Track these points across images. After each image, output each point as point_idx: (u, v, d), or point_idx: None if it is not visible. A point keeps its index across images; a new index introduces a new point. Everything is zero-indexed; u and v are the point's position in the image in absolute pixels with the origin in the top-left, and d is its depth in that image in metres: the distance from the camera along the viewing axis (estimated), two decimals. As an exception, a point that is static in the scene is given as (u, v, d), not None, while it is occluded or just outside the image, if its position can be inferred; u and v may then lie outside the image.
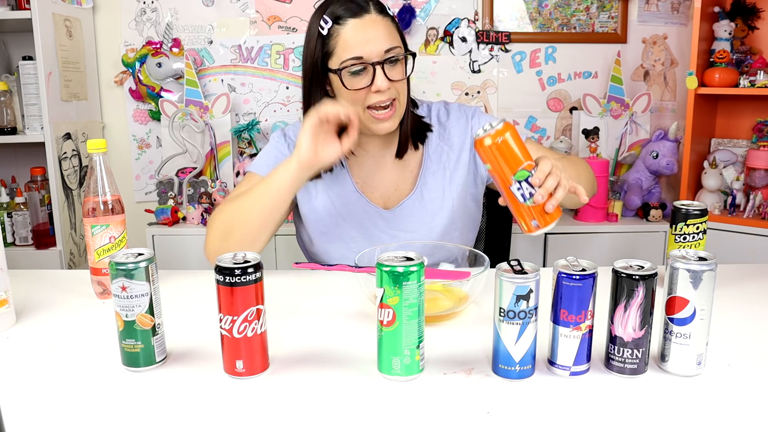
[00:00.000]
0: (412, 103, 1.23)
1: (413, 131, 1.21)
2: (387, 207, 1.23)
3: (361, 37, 1.05)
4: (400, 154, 1.21)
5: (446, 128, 1.24)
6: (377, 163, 1.23)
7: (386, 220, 1.22)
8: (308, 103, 1.15)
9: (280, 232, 1.31)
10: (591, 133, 2.36)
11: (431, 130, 1.23)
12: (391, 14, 1.10)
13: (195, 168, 2.32)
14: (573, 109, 2.52)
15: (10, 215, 2.25)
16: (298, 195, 1.23)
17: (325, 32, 1.06)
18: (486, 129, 0.85)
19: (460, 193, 1.23)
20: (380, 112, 1.10)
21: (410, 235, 1.22)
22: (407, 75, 1.12)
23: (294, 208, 1.28)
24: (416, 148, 1.23)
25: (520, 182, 0.85)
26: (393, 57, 1.08)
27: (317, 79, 1.11)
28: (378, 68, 1.06)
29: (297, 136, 1.21)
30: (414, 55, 1.12)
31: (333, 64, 1.08)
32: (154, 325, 0.78)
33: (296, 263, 0.94)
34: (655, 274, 0.73)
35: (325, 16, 1.06)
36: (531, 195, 0.85)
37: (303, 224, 1.26)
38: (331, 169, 1.21)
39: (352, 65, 1.06)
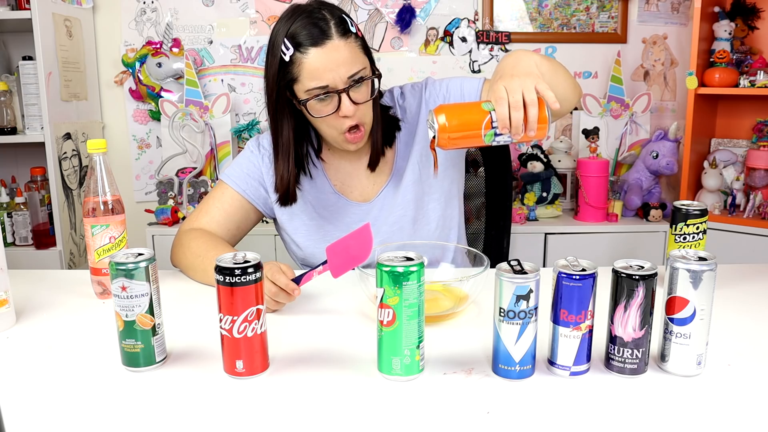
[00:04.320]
0: (379, 94, 1.23)
1: (384, 138, 1.22)
2: (366, 201, 1.25)
3: (323, 67, 1.04)
4: (372, 166, 1.22)
5: (405, 109, 1.26)
6: (353, 165, 1.25)
7: (366, 213, 1.23)
8: (276, 125, 1.15)
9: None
10: (591, 133, 2.36)
11: (399, 128, 1.24)
12: (354, 31, 1.08)
13: (195, 168, 2.32)
14: (573, 108, 2.52)
15: (10, 215, 2.25)
16: (276, 211, 1.25)
17: (287, 58, 1.05)
18: (433, 128, 0.88)
19: (423, 163, 1.23)
20: (349, 134, 1.12)
21: (390, 219, 1.22)
22: (373, 96, 1.12)
23: (273, 220, 1.30)
24: (390, 146, 1.24)
25: (494, 139, 0.86)
26: (358, 79, 1.07)
27: (282, 100, 1.11)
28: (343, 95, 1.06)
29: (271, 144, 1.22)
30: (379, 76, 1.12)
31: (298, 90, 1.08)
32: (154, 325, 0.78)
33: (297, 282, 0.93)
34: (655, 274, 0.73)
35: (286, 40, 1.04)
36: (510, 138, 0.87)
37: (288, 234, 1.26)
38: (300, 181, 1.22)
39: (317, 94, 1.06)
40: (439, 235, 1.24)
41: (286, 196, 1.20)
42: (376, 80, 1.11)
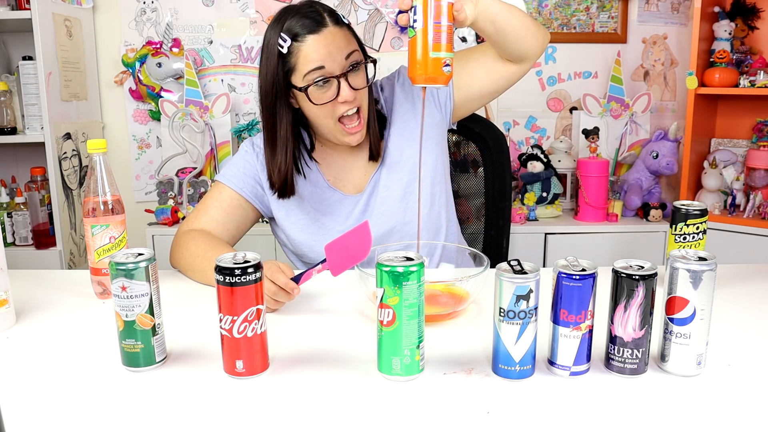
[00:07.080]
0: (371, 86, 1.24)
1: (379, 129, 1.23)
2: (359, 192, 1.26)
3: (322, 51, 1.07)
4: (375, 157, 1.23)
5: (386, 100, 1.27)
6: (345, 159, 1.25)
7: (359, 203, 1.24)
8: (274, 121, 1.15)
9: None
10: (591, 133, 2.36)
11: (385, 126, 1.25)
12: (347, 22, 1.12)
13: (195, 168, 2.32)
14: (573, 109, 2.52)
15: (10, 215, 2.25)
16: (273, 207, 1.25)
17: (285, 50, 1.07)
18: (423, 86, 0.90)
19: (404, 143, 1.23)
20: (350, 125, 1.13)
21: (377, 201, 1.23)
22: (369, 83, 1.14)
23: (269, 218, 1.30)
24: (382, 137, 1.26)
25: (412, 23, 0.86)
26: (354, 63, 1.09)
27: (281, 95, 1.12)
28: (342, 80, 1.08)
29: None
30: (375, 61, 1.14)
31: (296, 79, 1.09)
32: (154, 325, 0.78)
33: (296, 281, 0.93)
34: (655, 274, 0.73)
35: (282, 34, 1.07)
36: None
37: (282, 230, 1.27)
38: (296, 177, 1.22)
39: (316, 78, 1.07)
40: (429, 212, 1.24)
41: (284, 187, 1.20)
42: (371, 66, 1.13)
